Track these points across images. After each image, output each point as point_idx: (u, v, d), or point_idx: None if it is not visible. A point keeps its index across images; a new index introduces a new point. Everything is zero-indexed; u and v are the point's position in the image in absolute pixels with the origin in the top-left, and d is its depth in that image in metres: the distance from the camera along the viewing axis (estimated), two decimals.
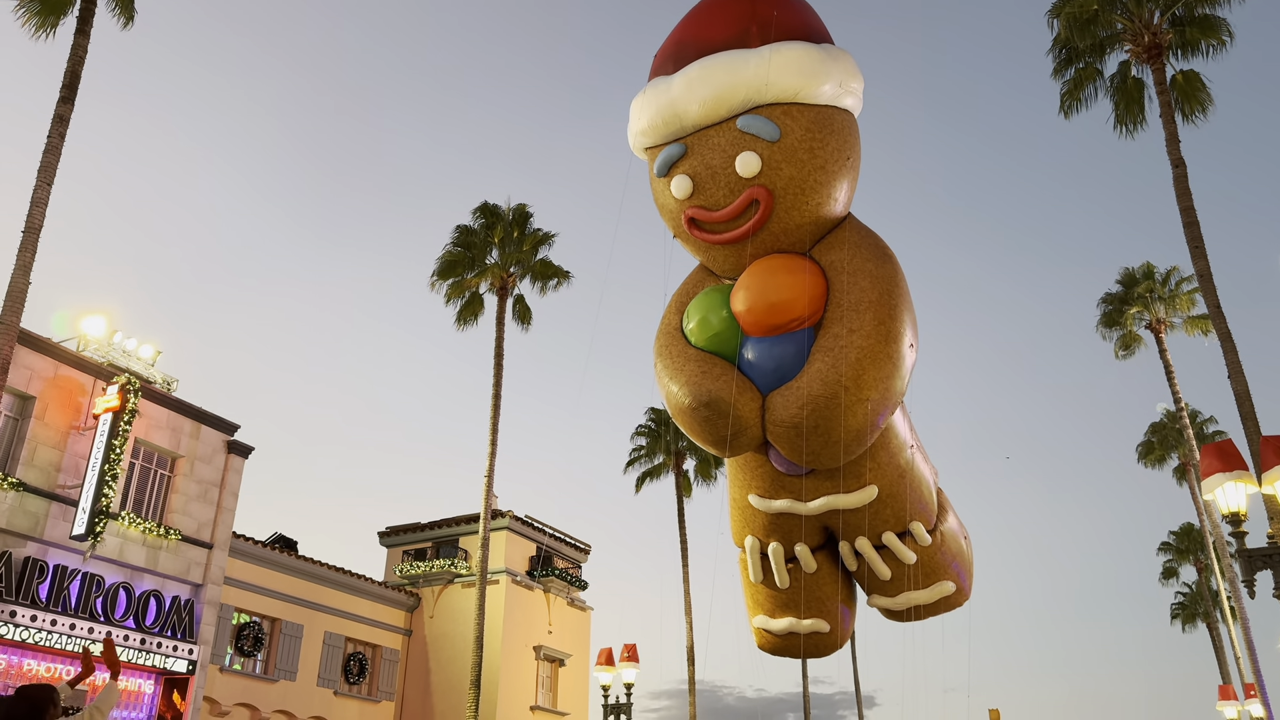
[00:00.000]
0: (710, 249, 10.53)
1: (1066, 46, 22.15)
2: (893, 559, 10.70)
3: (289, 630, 29.87)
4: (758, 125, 9.85)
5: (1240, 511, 10.95)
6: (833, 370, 9.37)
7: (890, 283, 9.90)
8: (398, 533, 38.21)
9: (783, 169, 9.84)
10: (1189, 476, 38.06)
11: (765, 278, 9.99)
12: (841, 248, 10.18)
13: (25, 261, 16.67)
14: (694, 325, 10.40)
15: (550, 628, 36.27)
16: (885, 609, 11.34)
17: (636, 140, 10.89)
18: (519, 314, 29.98)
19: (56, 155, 17.47)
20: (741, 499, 11.06)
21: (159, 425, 24.60)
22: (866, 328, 9.50)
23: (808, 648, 11.58)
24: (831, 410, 9.33)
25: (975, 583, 11.75)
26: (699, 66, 10.08)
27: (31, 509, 21.36)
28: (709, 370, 10.00)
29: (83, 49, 18.26)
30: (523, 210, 29.91)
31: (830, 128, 10.01)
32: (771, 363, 9.85)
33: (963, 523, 11.92)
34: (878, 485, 10.29)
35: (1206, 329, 32.55)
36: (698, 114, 10.09)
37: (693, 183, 10.19)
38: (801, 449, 9.61)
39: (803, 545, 10.85)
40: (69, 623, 21.33)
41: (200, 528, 25.16)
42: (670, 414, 10.51)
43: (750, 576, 11.45)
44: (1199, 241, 19.46)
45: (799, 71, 9.84)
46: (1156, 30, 20.95)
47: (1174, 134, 20.15)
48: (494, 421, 27.76)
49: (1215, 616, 46.14)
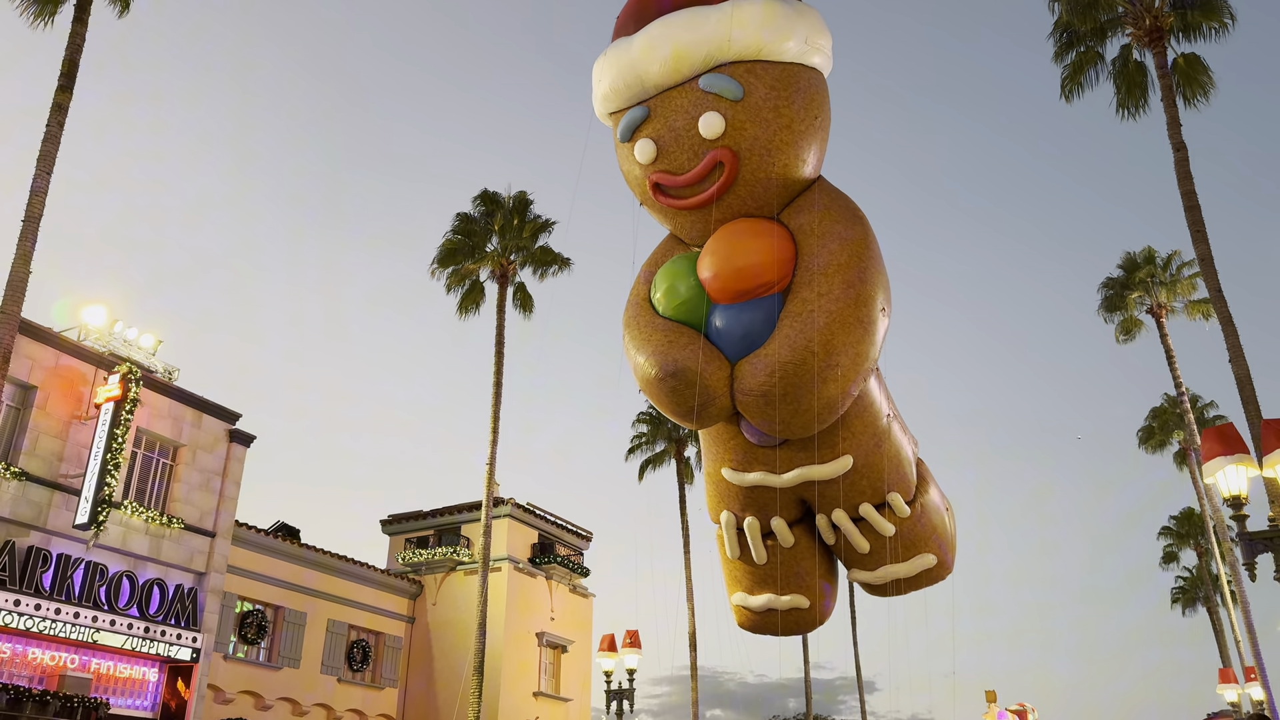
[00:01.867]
0: (677, 215, 10.19)
1: (1068, 30, 22.06)
2: (871, 531, 10.42)
3: (292, 618, 29.97)
4: (720, 84, 9.47)
5: (1241, 495, 10.95)
6: (801, 336, 9.07)
7: (860, 245, 9.56)
8: (400, 520, 38.30)
9: (747, 129, 9.48)
10: (1189, 461, 38.09)
11: (731, 242, 9.68)
12: (810, 210, 9.83)
13: (25, 251, 16.67)
14: (661, 294, 10.07)
15: (552, 614, 36.38)
16: (865, 583, 11.08)
17: (600, 105, 10.48)
18: (520, 301, 29.97)
19: (55, 144, 17.45)
20: (715, 473, 10.77)
21: (160, 414, 24.62)
22: (836, 291, 9.19)
23: (788, 624, 11.30)
24: (801, 377, 9.03)
25: (963, 558, 11.52)
26: (659, 24, 9.68)
27: (34, 498, 21.40)
28: (675, 340, 9.68)
29: (80, 38, 18.21)
30: (523, 198, 29.87)
31: (796, 85, 9.63)
32: (740, 330, 9.55)
33: (945, 495, 11.61)
34: (852, 455, 10.00)
35: (1208, 313, 32.53)
36: (659, 74, 9.70)
37: (656, 147, 9.81)
38: (772, 418, 9.32)
39: (779, 519, 10.58)
40: (73, 612, 21.40)
41: (203, 516, 25.22)
42: (639, 386, 10.19)
43: (727, 553, 11.18)
44: (1200, 225, 19.42)
45: (762, 26, 9.46)
46: (1158, 13, 20.86)
47: (1175, 118, 20.08)
48: (495, 409, 27.79)
49: (1215, 600, 46.26)
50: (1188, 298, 33.78)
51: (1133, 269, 34.69)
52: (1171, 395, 41.34)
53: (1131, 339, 35.03)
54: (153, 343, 25.32)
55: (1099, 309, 35.47)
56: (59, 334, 22.92)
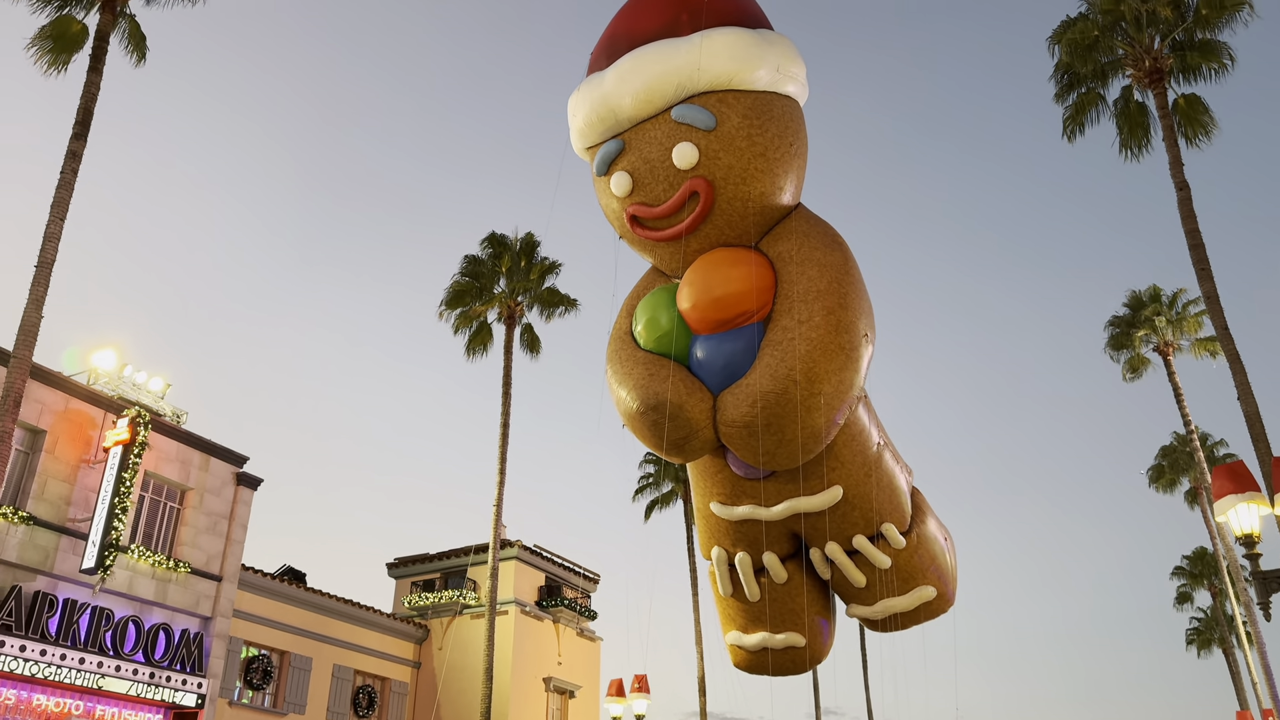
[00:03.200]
0: (655, 247, 10.10)
1: (1068, 72, 22.27)
2: (866, 564, 10.16)
3: (298, 663, 29.74)
4: (692, 114, 9.48)
5: (1254, 533, 10.87)
6: (782, 364, 8.92)
7: (840, 270, 9.42)
8: (406, 564, 38.09)
9: (721, 158, 9.43)
10: (1201, 499, 37.83)
11: (709, 272, 9.58)
12: (789, 238, 9.72)
13: (38, 296, 16.78)
14: (642, 327, 9.98)
15: (560, 659, 36.04)
16: (864, 618, 10.78)
17: (576, 140, 10.47)
18: (527, 342, 30.04)
19: (69, 191, 17.64)
20: (704, 508, 10.57)
21: (168, 458, 24.64)
22: (816, 318, 9.05)
23: (784, 664, 10.97)
24: (783, 407, 8.86)
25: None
26: (630, 59, 9.75)
27: (41, 543, 21.36)
28: (656, 372, 9.58)
29: (95, 86, 18.48)
30: (530, 240, 30.08)
31: (769, 114, 9.59)
32: (721, 360, 9.43)
33: (944, 525, 11.30)
34: (842, 485, 9.78)
35: (1215, 350, 32.48)
36: (631, 107, 9.73)
37: (632, 179, 9.78)
38: (756, 449, 9.14)
39: (771, 554, 10.31)
40: (78, 657, 21.27)
41: (209, 560, 25.14)
42: (622, 421, 10.06)
43: (719, 590, 10.90)
44: (1205, 263, 19.46)
45: (731, 56, 9.48)
46: (1157, 55, 21.07)
47: (1177, 158, 20.21)
48: (502, 450, 27.73)
49: (1231, 641, 45.67)
50: (1194, 335, 33.75)
51: (1138, 307, 34.71)
52: (1180, 433, 41.20)
53: (1139, 377, 34.97)
54: (161, 386, 25.40)
55: (1105, 347, 35.47)
56: (69, 378, 23.01)
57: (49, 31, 18.99)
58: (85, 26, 19.17)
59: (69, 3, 19.07)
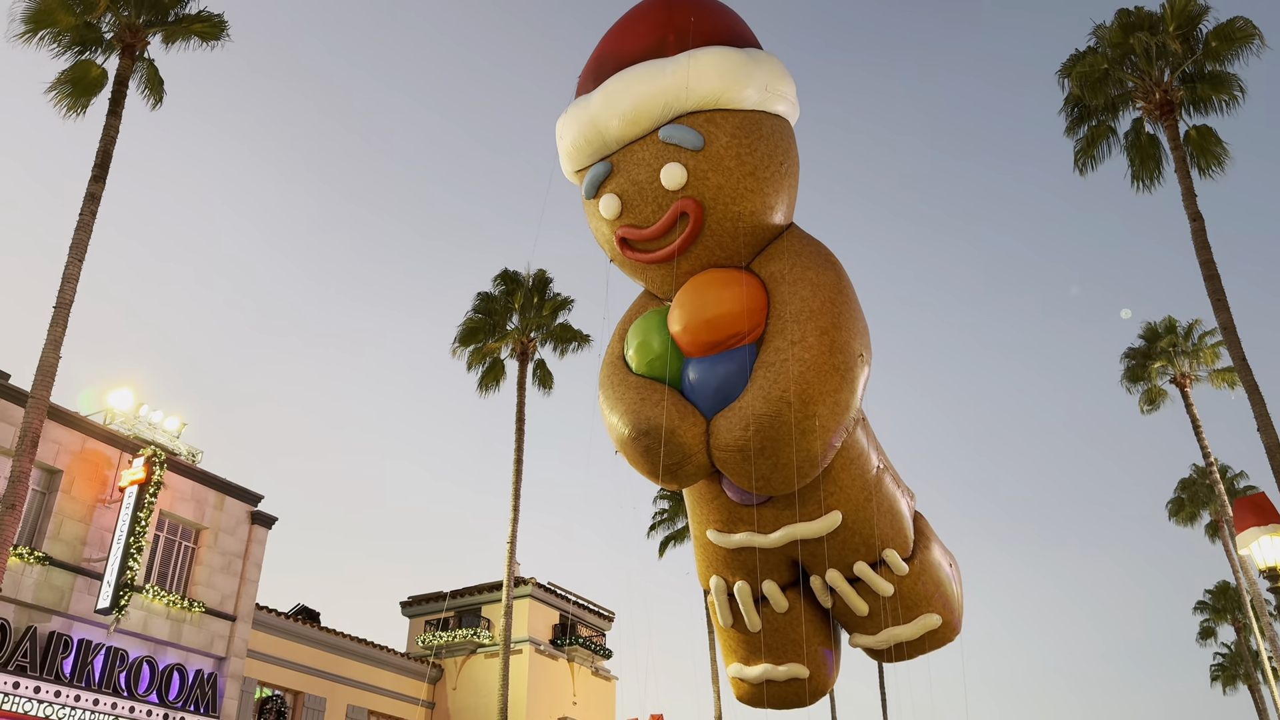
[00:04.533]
0: (646, 270, 9.94)
1: (1079, 105, 22.34)
2: (869, 592, 9.88)
3: (311, 703, 29.53)
4: (680, 134, 9.38)
5: (1278, 566, 10.74)
6: (775, 386, 8.71)
7: (833, 289, 9.23)
8: (420, 602, 37.92)
9: (710, 178, 9.30)
10: (1222, 533, 37.38)
11: (700, 293, 9.43)
12: (782, 258, 9.54)
13: (56, 336, 16.90)
14: (633, 351, 9.80)
15: (575, 698, 35.69)
16: (867, 648, 10.46)
17: (565, 164, 10.38)
18: (540, 379, 30.08)
19: (88, 233, 17.82)
20: (701, 535, 10.34)
21: (183, 497, 24.68)
22: (810, 339, 8.84)
23: (788, 697, 10.62)
24: (777, 430, 8.64)
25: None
26: (616, 80, 9.68)
27: (57, 583, 21.37)
28: (648, 397, 9.38)
29: (114, 129, 18.74)
30: (542, 276, 30.22)
31: (759, 133, 9.48)
32: (714, 383, 9.24)
33: (949, 550, 10.97)
34: (841, 510, 9.55)
35: (1233, 382, 32.26)
36: (619, 129, 9.63)
37: (621, 201, 9.68)
38: (751, 474, 8.92)
39: (770, 583, 10.04)
40: (92, 698, 21.19)
41: (224, 600, 25.08)
42: (615, 447, 9.85)
43: (719, 621, 10.62)
44: (1220, 294, 19.38)
45: (719, 75, 9.38)
46: (1168, 88, 21.13)
47: (1190, 189, 20.20)
48: (516, 487, 27.66)
49: (1257, 677, 44.92)
50: (1211, 366, 33.55)
51: (1154, 339, 34.56)
52: (1200, 465, 40.81)
53: (1156, 409, 34.74)
54: (177, 425, 25.52)
55: (1122, 379, 35.28)
56: (85, 418, 23.13)
57: (69, 76, 19.30)
58: (105, 71, 19.48)
59: (89, 48, 19.40)
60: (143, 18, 19.63)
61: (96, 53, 19.53)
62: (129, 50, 19.43)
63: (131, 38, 19.47)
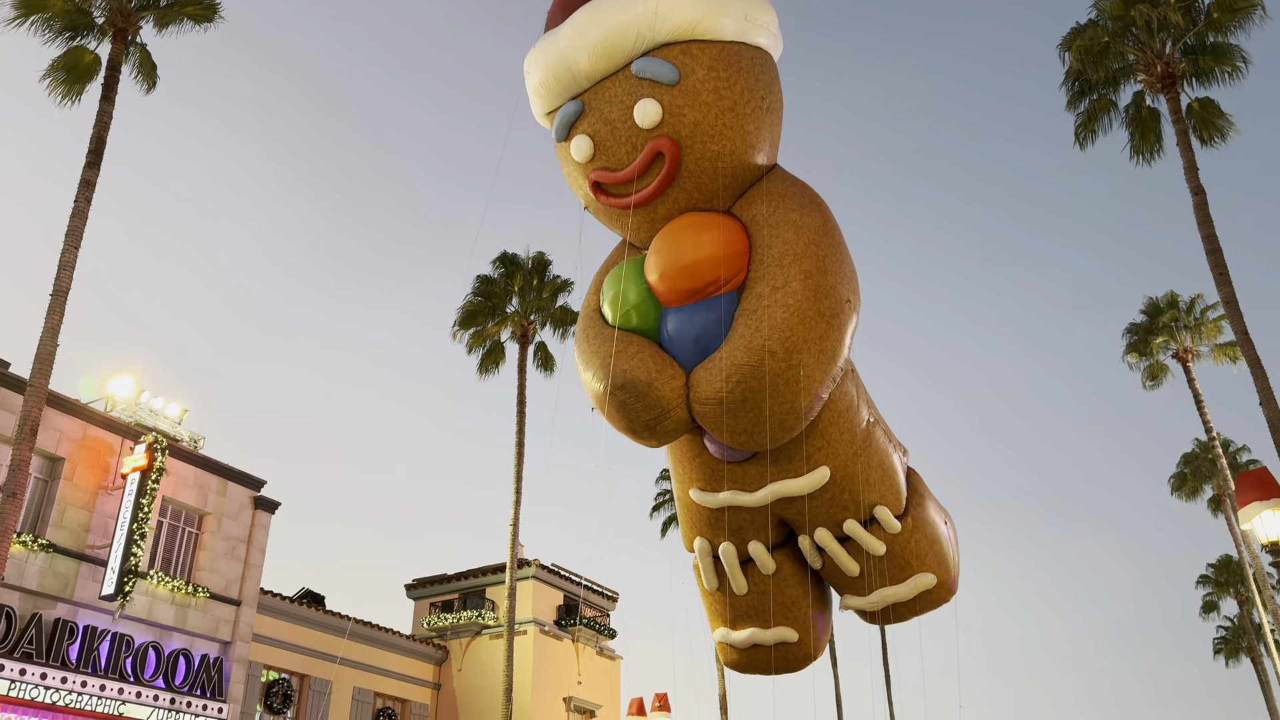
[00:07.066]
0: (622, 216, 9.30)
1: (1079, 79, 22.17)
2: (860, 551, 9.38)
3: (317, 686, 29.68)
4: (653, 68, 8.74)
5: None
6: (757, 334, 8.18)
7: (818, 231, 8.63)
8: (424, 584, 38.07)
9: (686, 114, 8.69)
10: (1224, 507, 37.41)
11: (677, 238, 8.86)
12: (763, 200, 8.94)
13: (53, 324, 16.87)
14: (609, 302, 9.28)
15: (579, 678, 35.87)
16: (859, 610, 9.97)
17: (535, 105, 9.75)
18: (541, 361, 30.06)
19: (83, 220, 17.75)
20: (684, 496, 9.85)
21: (186, 483, 24.71)
22: (793, 284, 8.29)
23: (776, 662, 10.13)
24: (760, 381, 8.12)
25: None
26: (585, 10, 9.07)
27: (61, 570, 21.43)
28: (624, 349, 8.84)
29: (108, 115, 18.63)
30: (541, 258, 30.14)
31: (737, 65, 8.85)
32: (692, 333, 8.69)
33: (944, 507, 10.40)
34: (830, 466, 9.04)
35: (1235, 356, 32.18)
36: (589, 63, 9.00)
37: (593, 142, 9.05)
38: (733, 429, 8.40)
39: (757, 543, 9.57)
40: (99, 684, 21.29)
41: (228, 585, 25.16)
42: (591, 404, 9.32)
43: (704, 584, 10.15)
44: (1223, 268, 19.28)
45: (694, 3, 8.72)
46: (1169, 60, 20.96)
47: (1191, 162, 20.06)
48: (518, 469, 27.69)
49: (1259, 651, 45.09)
50: (1213, 341, 33.44)
51: (1156, 314, 34.44)
52: (1202, 440, 40.81)
53: (1158, 385, 34.67)
54: (178, 412, 25.51)
55: (1123, 355, 35.18)
56: (86, 405, 23.13)
57: (61, 63, 19.17)
58: (97, 57, 19.34)
59: (80, 33, 19.26)
60: (134, 1, 19.48)
61: (88, 38, 19.40)
62: (121, 35, 19.28)
63: (123, 22, 19.32)
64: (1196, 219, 19.80)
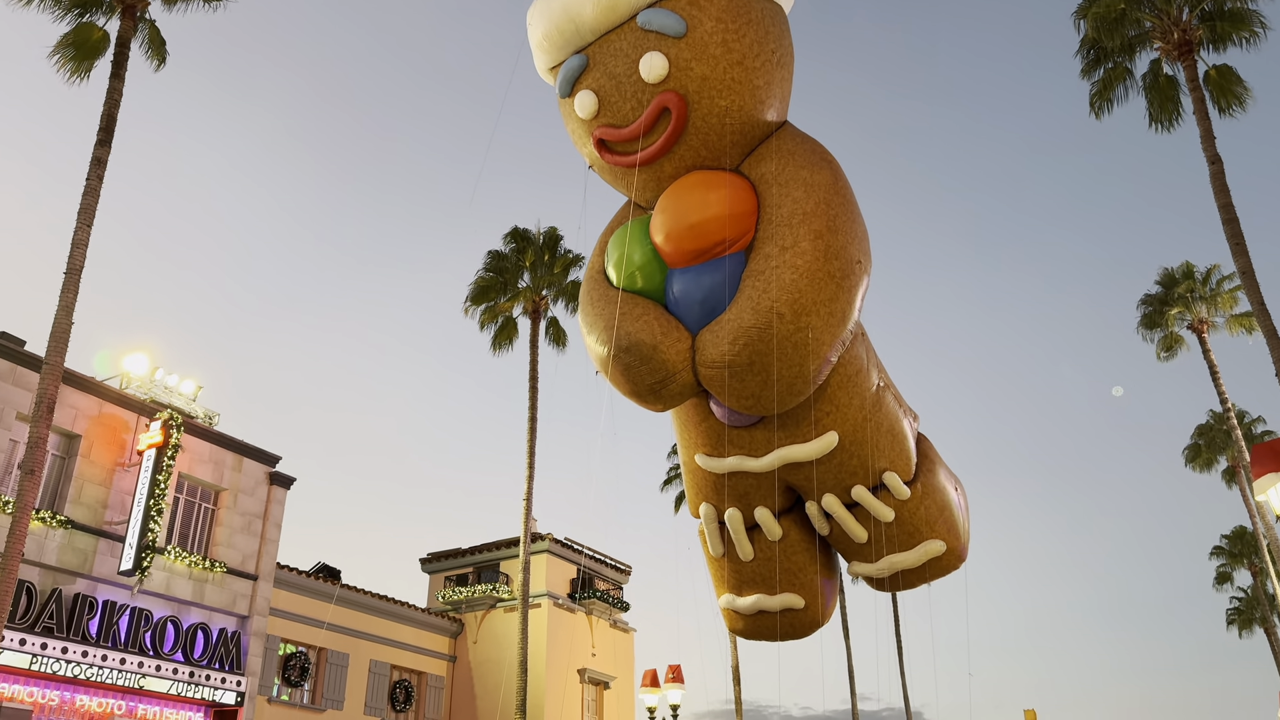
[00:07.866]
0: (627, 175, 9.04)
1: (1095, 46, 21.90)
2: (868, 517, 9.24)
3: (335, 659, 29.99)
4: (660, 19, 8.44)
5: None
6: (765, 296, 7.96)
7: (828, 190, 8.36)
8: (439, 558, 38.33)
9: (693, 68, 8.40)
10: (1239, 478, 37.29)
11: (683, 197, 8.61)
12: (772, 158, 8.67)
13: (68, 302, 16.93)
14: (613, 263, 9.01)
15: (594, 650, 36.14)
16: (867, 576, 9.82)
17: (538, 59, 9.49)
18: (553, 336, 30.06)
19: (95, 197, 17.77)
20: (690, 461, 9.65)
21: (202, 459, 24.88)
22: (802, 244, 8.05)
23: (782, 628, 9.98)
24: (766, 343, 7.91)
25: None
26: None
27: (80, 546, 21.65)
28: (629, 311, 8.60)
29: (118, 92, 18.60)
30: (553, 233, 30.05)
31: (747, 17, 8.55)
32: (699, 294, 8.47)
33: (955, 474, 10.24)
34: (838, 431, 8.85)
35: (1251, 327, 31.97)
36: (594, 15, 8.72)
37: (597, 98, 8.78)
38: (739, 392, 8.21)
39: (763, 509, 9.44)
40: (119, 657, 21.55)
41: (245, 560, 25.38)
42: (595, 367, 9.10)
43: (709, 551, 10.03)
44: (1239, 238, 19.11)
45: None
46: (1186, 26, 20.67)
47: (1208, 130, 19.83)
48: (531, 444, 27.77)
49: (1273, 620, 45.08)
50: (1229, 312, 33.20)
51: (1171, 285, 34.19)
52: (1217, 411, 40.63)
53: (1173, 356, 34.47)
54: (193, 388, 25.63)
55: (1138, 326, 34.98)
56: (101, 383, 23.27)
57: (70, 39, 19.11)
58: (106, 33, 19.27)
59: (89, 10, 19.19)
60: None
61: (97, 14, 19.31)
62: (129, 11, 19.19)
63: None
64: (1213, 188, 19.59)
